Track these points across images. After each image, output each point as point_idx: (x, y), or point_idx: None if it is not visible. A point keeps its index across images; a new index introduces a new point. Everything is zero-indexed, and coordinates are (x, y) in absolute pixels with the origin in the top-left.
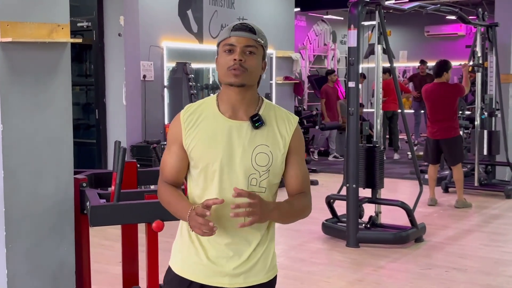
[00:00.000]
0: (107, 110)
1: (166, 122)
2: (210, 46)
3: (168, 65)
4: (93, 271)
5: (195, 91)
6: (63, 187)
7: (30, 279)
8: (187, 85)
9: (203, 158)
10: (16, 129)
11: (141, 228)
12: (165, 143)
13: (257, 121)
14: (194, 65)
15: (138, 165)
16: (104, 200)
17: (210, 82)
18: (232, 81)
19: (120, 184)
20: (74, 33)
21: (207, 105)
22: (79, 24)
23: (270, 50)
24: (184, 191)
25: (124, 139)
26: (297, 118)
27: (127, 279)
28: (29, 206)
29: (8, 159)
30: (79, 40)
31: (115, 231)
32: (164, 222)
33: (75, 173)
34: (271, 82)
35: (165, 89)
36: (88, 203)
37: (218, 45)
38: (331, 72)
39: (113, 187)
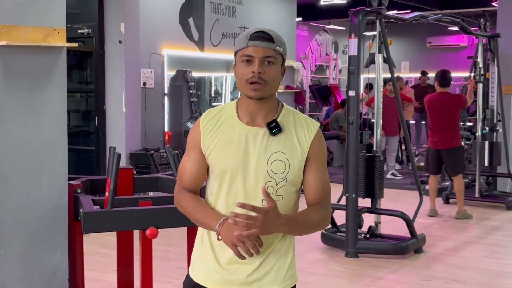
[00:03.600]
0: (106, 117)
1: (166, 129)
2: (211, 54)
3: (169, 73)
4: (89, 279)
5: (195, 99)
6: (57, 193)
7: (22, 286)
8: (188, 92)
9: (219, 164)
10: (10, 133)
11: (138, 235)
12: (164, 151)
13: (274, 128)
14: (195, 73)
15: (135, 172)
16: (98, 207)
17: (212, 92)
18: (252, 94)
19: (114, 190)
20: (75, 39)
21: (226, 110)
22: (79, 31)
23: None
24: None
25: (123, 147)
26: (317, 124)
27: (122, 287)
28: (22, 212)
29: (1, 163)
30: (75, 45)
31: (112, 238)
32: (159, 229)
33: (70, 179)
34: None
35: (165, 97)
36: (81, 210)
37: (235, 54)
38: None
39: (107, 194)
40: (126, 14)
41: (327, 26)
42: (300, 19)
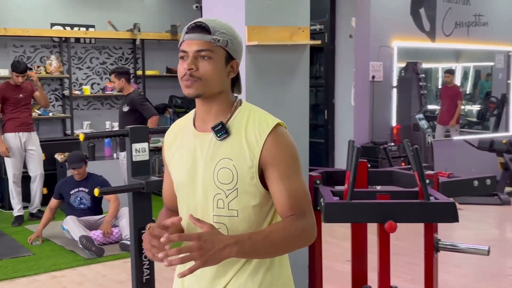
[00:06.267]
0: (335, 111)
1: (393, 123)
2: (443, 44)
3: (398, 65)
4: None
5: (425, 91)
6: None
7: None
8: (417, 85)
9: (174, 177)
10: None
11: (369, 229)
12: (392, 144)
13: (219, 131)
14: (425, 65)
15: (369, 165)
16: (337, 198)
17: (440, 84)
18: (186, 93)
19: (354, 183)
20: None
21: (186, 120)
22: (312, 27)
23: (507, 48)
24: None
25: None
26: (273, 122)
27: (356, 278)
28: None
29: None
30: (318, 42)
31: (342, 229)
32: (397, 224)
33: (309, 170)
34: (508, 81)
35: (394, 90)
36: (322, 200)
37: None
38: None
39: (346, 186)
40: (358, 8)
41: None
42: None
